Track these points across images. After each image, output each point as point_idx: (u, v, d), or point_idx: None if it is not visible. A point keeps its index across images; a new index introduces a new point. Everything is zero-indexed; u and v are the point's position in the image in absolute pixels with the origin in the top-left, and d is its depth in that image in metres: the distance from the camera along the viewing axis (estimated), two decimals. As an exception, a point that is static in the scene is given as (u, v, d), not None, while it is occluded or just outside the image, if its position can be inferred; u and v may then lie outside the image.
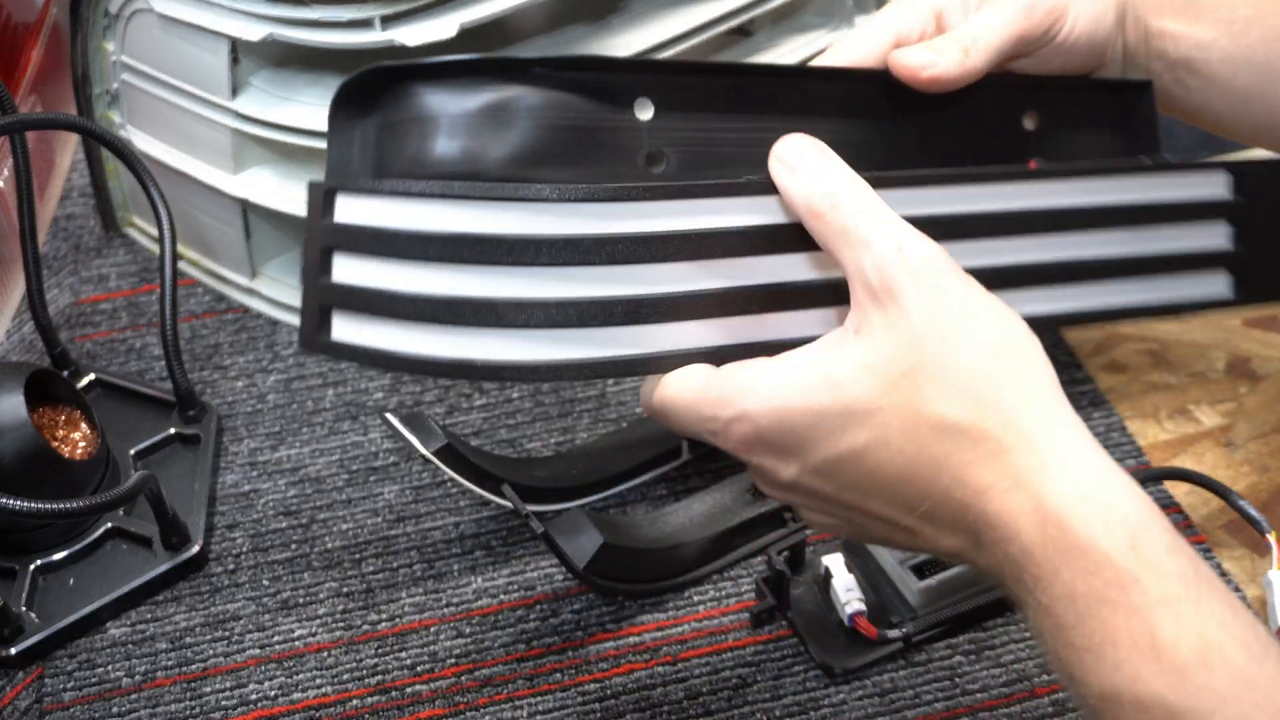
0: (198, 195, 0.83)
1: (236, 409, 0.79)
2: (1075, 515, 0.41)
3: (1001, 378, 0.44)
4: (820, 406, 0.44)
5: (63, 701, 0.65)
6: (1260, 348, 0.81)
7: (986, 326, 0.45)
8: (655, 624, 0.67)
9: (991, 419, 0.43)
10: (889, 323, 0.44)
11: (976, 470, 0.43)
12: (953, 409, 0.43)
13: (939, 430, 0.43)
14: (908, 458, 0.44)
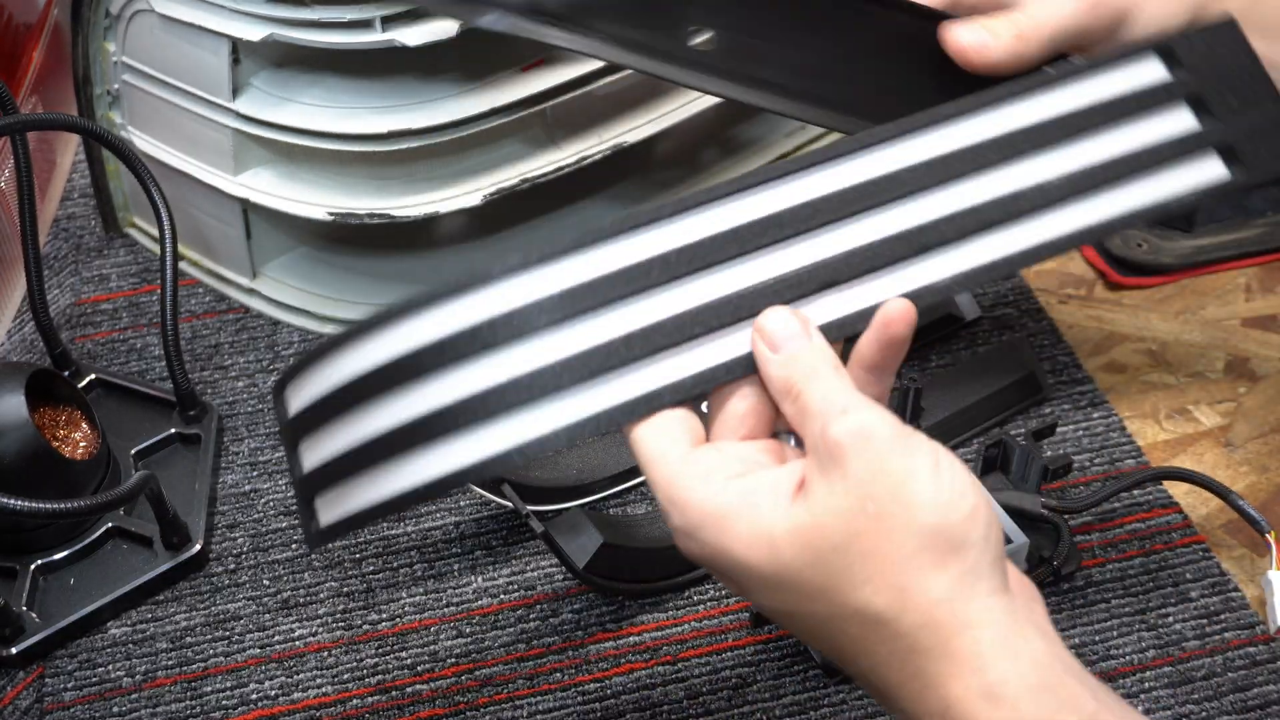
0: (198, 195, 0.83)
1: (237, 409, 0.79)
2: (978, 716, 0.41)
3: (928, 570, 0.42)
4: (753, 562, 0.43)
5: (63, 701, 0.65)
6: (1259, 348, 0.81)
7: (923, 510, 0.42)
8: (655, 624, 0.68)
9: (910, 616, 0.42)
10: (829, 493, 0.43)
11: (892, 666, 0.43)
12: (875, 599, 0.42)
13: (859, 616, 0.43)
14: (831, 631, 0.44)
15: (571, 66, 0.77)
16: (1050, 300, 0.84)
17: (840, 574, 0.43)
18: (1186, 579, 0.68)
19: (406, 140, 0.75)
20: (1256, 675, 0.64)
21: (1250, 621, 0.66)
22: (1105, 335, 0.82)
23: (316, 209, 0.77)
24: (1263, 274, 0.85)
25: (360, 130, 0.75)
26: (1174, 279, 0.85)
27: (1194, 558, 0.69)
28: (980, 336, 0.82)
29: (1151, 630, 0.66)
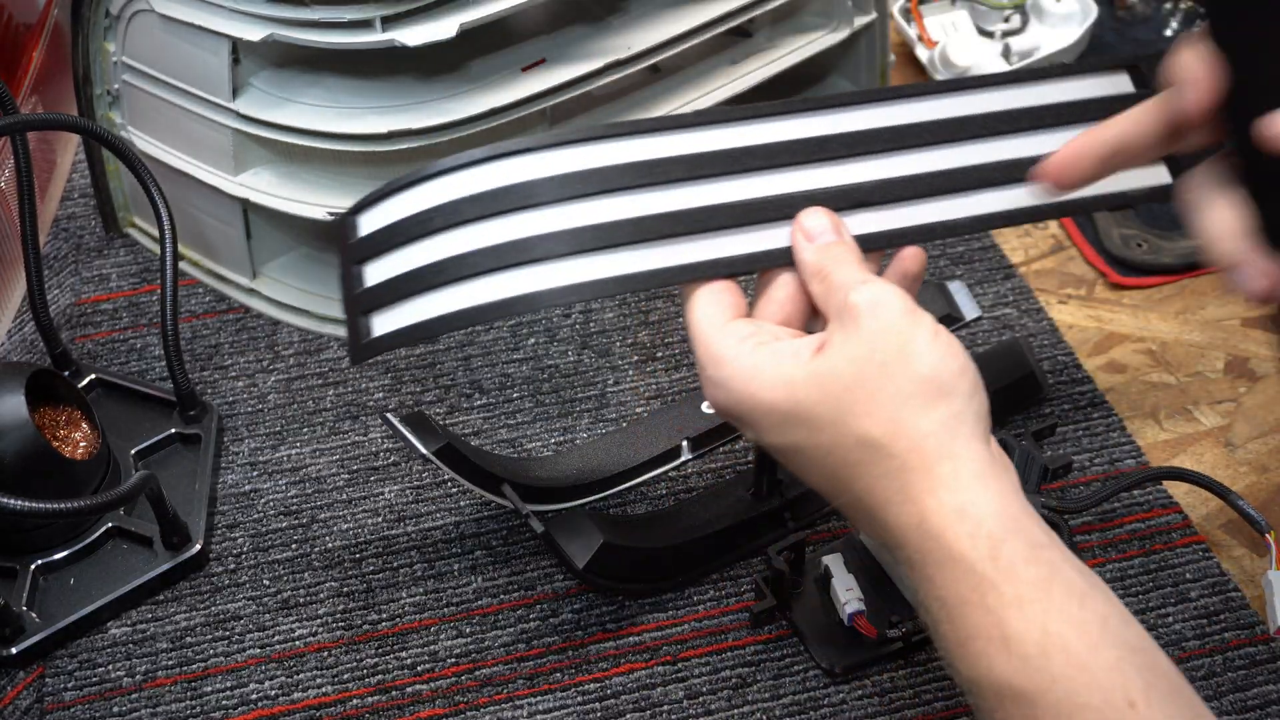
0: (198, 195, 0.83)
1: (237, 409, 0.79)
2: (948, 530, 0.48)
3: (919, 409, 0.49)
4: (773, 401, 0.51)
5: (63, 701, 0.65)
6: (1259, 348, 0.81)
7: (920, 361, 0.50)
8: (655, 624, 0.68)
9: (901, 442, 0.49)
10: (844, 343, 0.51)
11: (881, 483, 0.50)
12: (874, 428, 0.49)
13: (859, 442, 0.50)
14: (834, 460, 0.51)
15: (571, 66, 0.77)
16: (1050, 300, 0.84)
17: (847, 408, 0.50)
18: (1186, 579, 0.68)
19: (406, 140, 0.75)
20: (1256, 675, 0.64)
21: (1250, 621, 0.66)
22: (1105, 335, 0.82)
23: (316, 209, 0.77)
24: (1263, 274, 0.85)
25: (360, 130, 0.75)
26: (1174, 279, 0.85)
27: (1194, 558, 0.69)
28: (980, 336, 0.82)
29: (1151, 630, 0.66)
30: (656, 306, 0.84)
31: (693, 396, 0.77)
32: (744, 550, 0.70)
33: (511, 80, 0.77)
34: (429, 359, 0.81)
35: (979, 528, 0.47)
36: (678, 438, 0.75)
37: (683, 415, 0.76)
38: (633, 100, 0.83)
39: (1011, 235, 0.89)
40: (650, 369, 0.81)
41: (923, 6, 1.03)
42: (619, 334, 0.83)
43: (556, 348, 0.82)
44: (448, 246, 0.54)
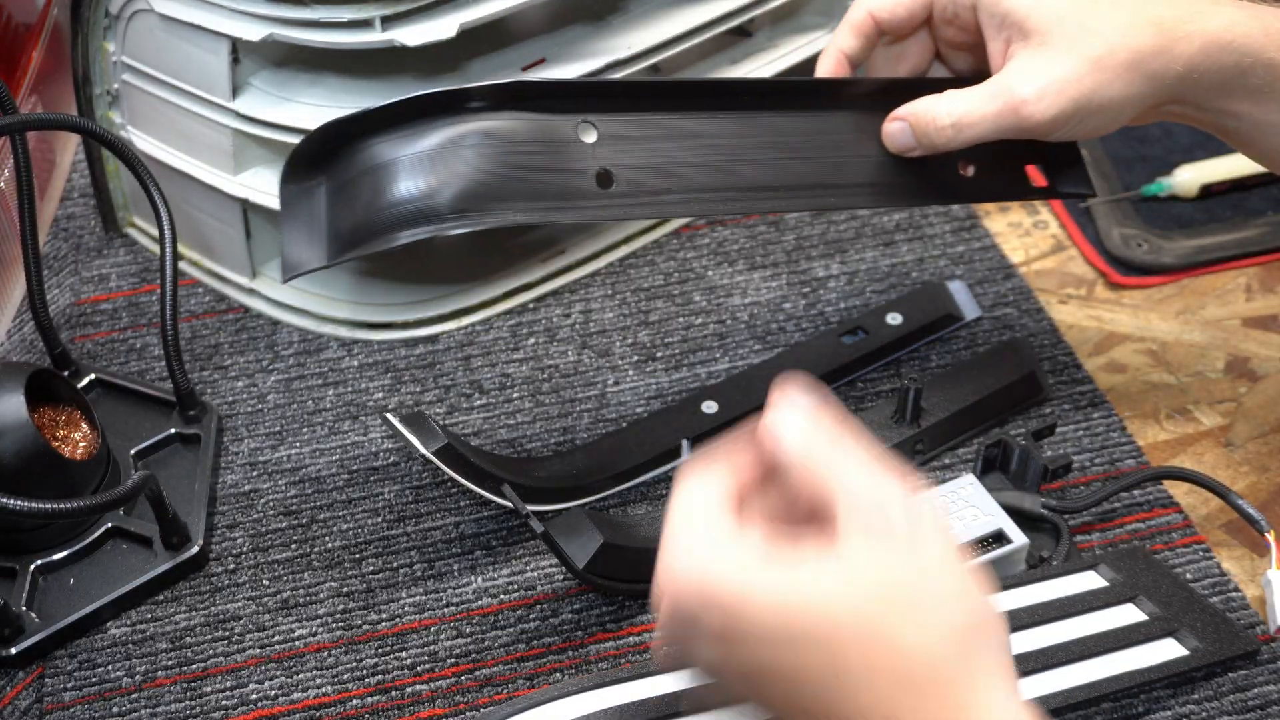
0: (198, 195, 0.83)
1: (237, 409, 0.79)
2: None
3: (973, 648, 0.42)
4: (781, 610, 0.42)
5: (63, 701, 0.65)
6: (1260, 348, 0.81)
7: (970, 594, 0.43)
8: (655, 624, 0.67)
9: (955, 686, 0.41)
10: (869, 543, 0.42)
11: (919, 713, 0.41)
12: (919, 659, 0.41)
13: (896, 677, 0.41)
14: (845, 695, 0.41)
15: (571, 66, 0.77)
16: (1050, 300, 0.84)
17: (883, 630, 0.41)
18: (1186, 579, 0.68)
19: (406, 140, 0.75)
20: (1256, 675, 0.64)
21: (1250, 621, 0.66)
22: (1105, 335, 0.82)
23: (316, 209, 0.77)
24: (1263, 274, 0.85)
25: (360, 130, 0.75)
26: (1174, 279, 0.85)
27: (1194, 558, 0.69)
28: (980, 336, 0.82)
29: (1151, 630, 0.66)
30: (656, 307, 0.84)
31: (693, 396, 0.77)
32: (744, 550, 0.70)
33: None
34: (429, 359, 0.81)
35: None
36: (678, 438, 0.75)
37: (683, 415, 0.76)
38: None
39: (1012, 235, 0.89)
40: (650, 369, 0.81)
41: (923, 6, 1.03)
42: (619, 334, 0.83)
43: (556, 348, 0.82)
44: None
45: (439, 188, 0.56)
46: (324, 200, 0.59)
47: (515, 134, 0.58)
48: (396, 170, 0.57)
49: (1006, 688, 0.42)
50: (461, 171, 0.57)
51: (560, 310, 0.84)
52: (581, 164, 0.59)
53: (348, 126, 0.58)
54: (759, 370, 0.78)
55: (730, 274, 0.86)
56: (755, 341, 0.82)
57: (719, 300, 0.85)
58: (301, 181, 0.59)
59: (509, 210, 0.57)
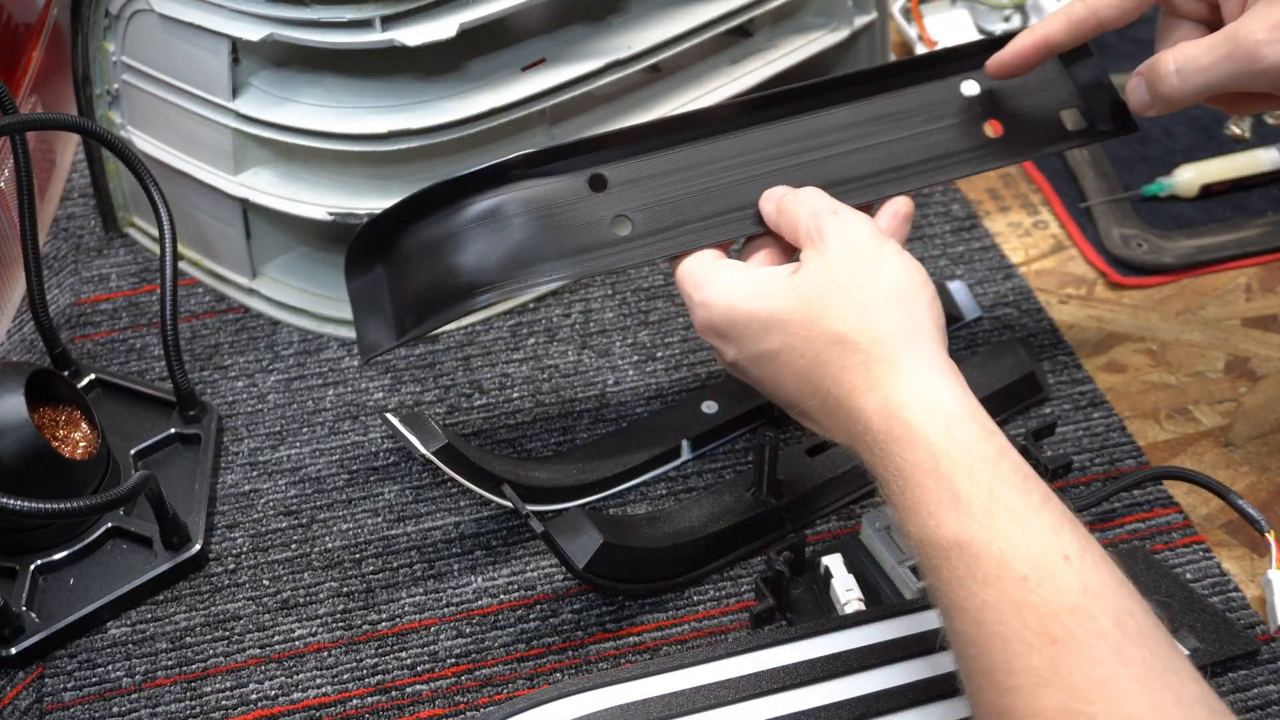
0: (198, 195, 0.83)
1: (237, 409, 0.79)
2: (908, 409, 0.53)
3: (885, 310, 0.56)
4: (754, 311, 0.59)
5: (63, 701, 0.65)
6: (1260, 348, 0.81)
7: (888, 273, 0.57)
8: (655, 624, 0.67)
9: (868, 336, 0.56)
10: (816, 259, 0.58)
11: (849, 374, 0.55)
12: (843, 325, 0.56)
13: (830, 340, 0.56)
14: (807, 360, 0.57)
15: (571, 66, 0.77)
16: (1050, 300, 0.84)
17: (821, 312, 0.57)
18: (1186, 579, 0.68)
19: (406, 140, 0.75)
20: (1257, 675, 0.64)
21: (1250, 621, 0.66)
22: (1105, 335, 0.82)
23: (316, 209, 0.77)
24: (1263, 274, 0.85)
25: (360, 130, 0.75)
26: (1174, 279, 0.85)
27: (1194, 558, 0.69)
28: (980, 336, 0.82)
29: (1151, 630, 0.66)
30: (656, 307, 0.84)
31: (693, 396, 0.77)
32: (744, 550, 0.70)
33: (511, 80, 0.77)
34: (429, 359, 0.81)
35: (937, 407, 0.53)
36: (678, 438, 0.75)
37: (683, 415, 0.76)
38: (633, 100, 0.83)
39: (1011, 235, 0.89)
40: (650, 369, 0.81)
41: (923, 6, 1.03)
42: (619, 334, 0.83)
43: (556, 348, 0.82)
44: None
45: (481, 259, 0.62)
46: (385, 285, 0.65)
47: (536, 199, 0.63)
48: (441, 249, 0.63)
49: (921, 346, 0.55)
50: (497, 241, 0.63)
51: (560, 310, 0.84)
52: (597, 215, 0.64)
53: (396, 215, 0.64)
54: (759, 370, 0.78)
55: (730, 274, 0.86)
56: (755, 341, 0.82)
57: (719, 300, 0.85)
58: (363, 274, 0.65)
59: (544, 271, 0.63)
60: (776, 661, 0.60)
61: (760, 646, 0.61)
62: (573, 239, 0.63)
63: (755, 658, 0.60)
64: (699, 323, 0.61)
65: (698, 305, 0.61)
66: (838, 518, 0.72)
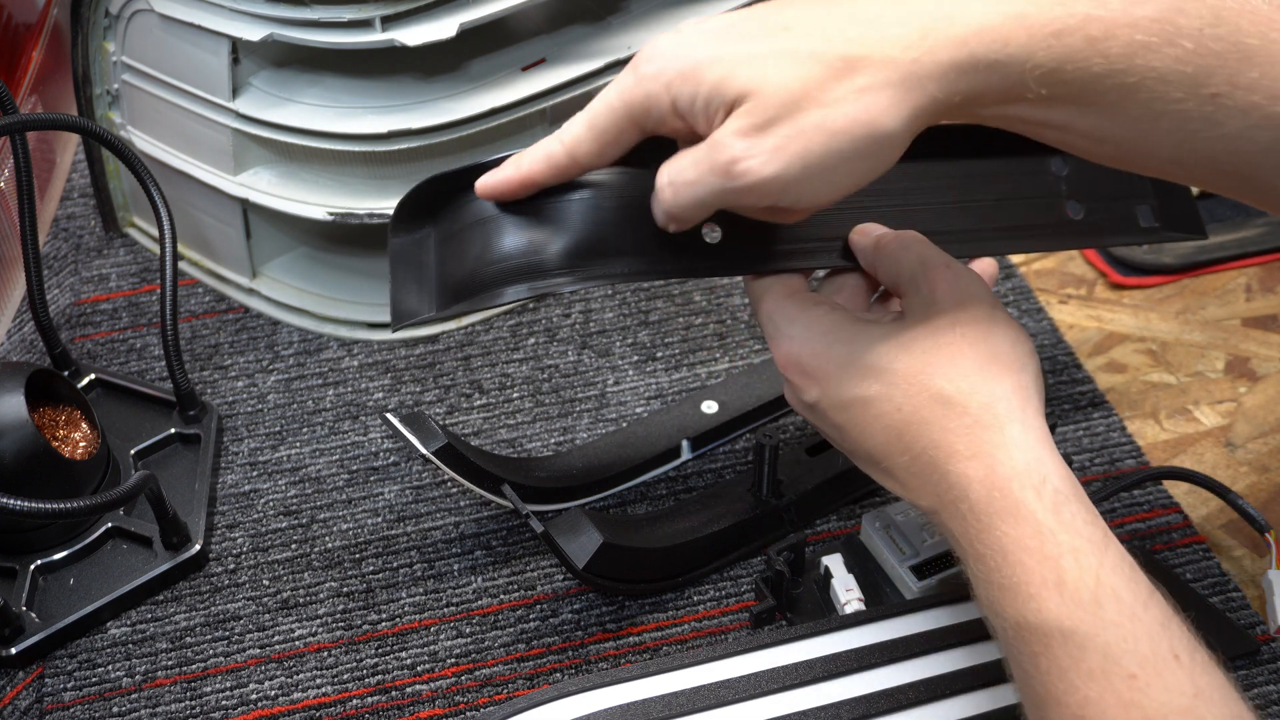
0: (198, 195, 0.83)
1: (237, 409, 0.79)
2: (1014, 482, 0.50)
3: (994, 376, 0.52)
4: (853, 354, 0.54)
5: (63, 701, 0.65)
6: (1260, 348, 0.81)
7: (996, 338, 0.53)
8: (655, 624, 0.68)
9: (976, 401, 0.52)
10: (922, 311, 0.54)
11: (951, 438, 0.52)
12: (950, 385, 0.52)
13: (934, 399, 0.52)
14: (904, 415, 0.53)
15: (571, 66, 0.77)
16: (1050, 300, 0.84)
17: (925, 367, 0.53)
18: (1186, 579, 0.68)
19: (406, 140, 0.75)
20: (1257, 675, 0.64)
21: (1250, 621, 0.66)
22: (1105, 335, 0.82)
23: (316, 209, 0.77)
24: (1263, 274, 0.85)
25: (360, 130, 0.75)
26: (1174, 279, 0.85)
27: (1194, 558, 0.69)
28: (980, 336, 0.82)
29: (1152, 630, 0.66)
30: (656, 307, 0.84)
31: (693, 396, 0.77)
32: (744, 550, 0.70)
33: (511, 80, 0.77)
34: (429, 359, 0.81)
35: (1044, 484, 0.50)
36: (678, 438, 0.75)
37: (683, 415, 0.76)
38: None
39: (1011, 235, 0.89)
40: (650, 369, 0.81)
41: (923, 6, 1.03)
42: (619, 334, 0.83)
43: (556, 348, 0.82)
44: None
45: (545, 243, 0.56)
46: (433, 250, 0.58)
47: (618, 186, 0.57)
48: (503, 225, 0.56)
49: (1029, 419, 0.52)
50: (567, 226, 0.56)
51: (560, 310, 0.84)
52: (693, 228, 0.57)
53: (457, 178, 0.57)
54: (759, 370, 0.78)
55: (730, 274, 0.86)
56: (755, 341, 0.82)
57: (719, 300, 0.85)
58: (410, 231, 0.58)
59: (614, 264, 0.57)
60: (776, 661, 0.60)
61: (760, 646, 0.61)
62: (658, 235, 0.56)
63: (755, 658, 0.60)
64: (784, 356, 0.56)
65: (786, 338, 0.56)
66: (838, 518, 0.72)
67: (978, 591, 0.51)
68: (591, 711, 0.58)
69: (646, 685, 0.59)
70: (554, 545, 0.63)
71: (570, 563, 0.64)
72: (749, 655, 0.60)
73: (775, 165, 0.49)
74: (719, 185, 0.50)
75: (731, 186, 0.50)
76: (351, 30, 0.72)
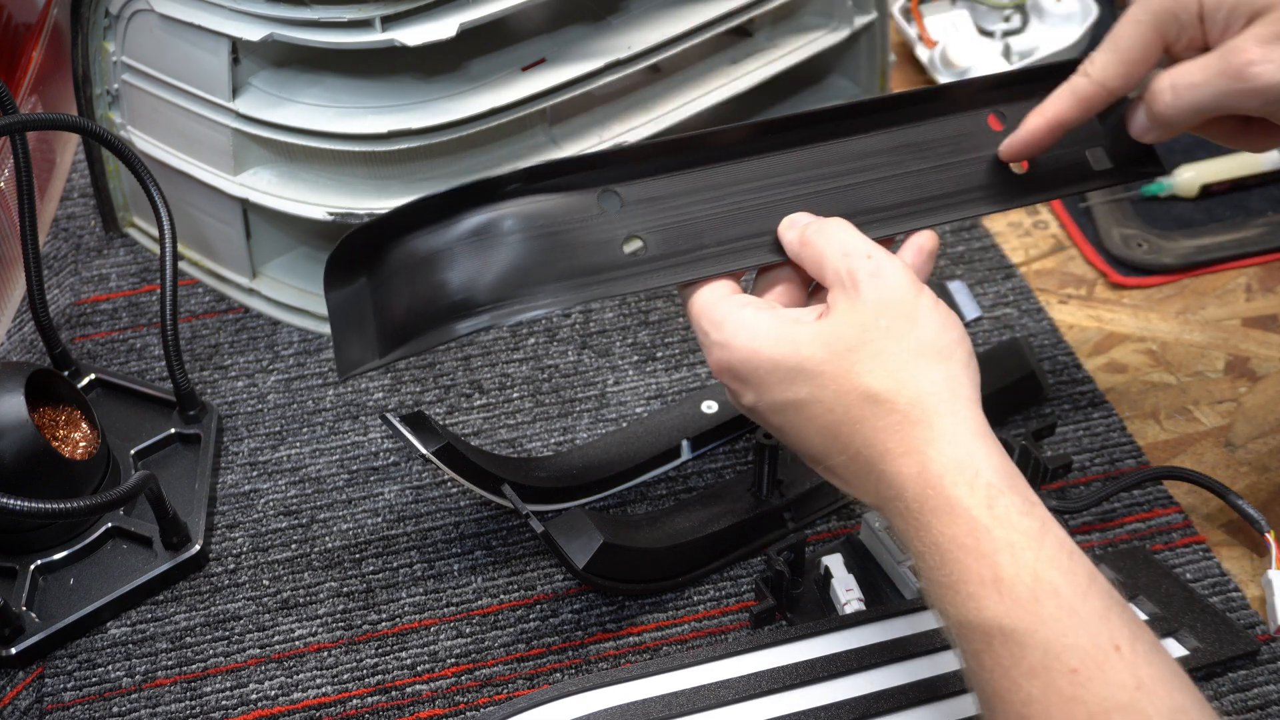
0: (198, 195, 0.83)
1: (237, 409, 0.79)
2: (947, 477, 0.50)
3: (921, 369, 0.52)
4: (779, 358, 0.54)
5: (63, 701, 0.65)
6: (1260, 348, 0.81)
7: (924, 327, 0.53)
8: (655, 624, 0.68)
9: (904, 397, 0.52)
10: (847, 306, 0.54)
11: (882, 436, 0.52)
12: (877, 383, 0.52)
13: (863, 398, 0.52)
14: (835, 416, 0.53)
15: (571, 66, 0.77)
16: (1050, 300, 0.84)
17: (852, 365, 0.52)
18: (1186, 579, 0.68)
19: (406, 140, 0.75)
20: (1257, 675, 0.64)
21: (1250, 621, 0.66)
22: (1105, 335, 0.82)
23: (316, 209, 0.77)
24: (1263, 274, 0.85)
25: (360, 130, 0.75)
26: (1174, 279, 0.85)
27: (1194, 558, 0.69)
28: (980, 336, 0.82)
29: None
30: (656, 306, 0.84)
31: (693, 396, 0.77)
32: (744, 550, 0.70)
33: (511, 80, 0.77)
34: (429, 359, 0.81)
35: (977, 478, 0.50)
36: (678, 438, 0.75)
37: (683, 415, 0.76)
38: (633, 100, 0.83)
39: (1012, 235, 0.89)
40: (650, 369, 0.81)
41: (923, 6, 1.03)
42: (619, 334, 0.83)
43: (556, 348, 0.82)
44: None
45: (474, 278, 0.56)
46: (369, 299, 0.59)
47: (540, 215, 0.58)
48: (431, 265, 0.57)
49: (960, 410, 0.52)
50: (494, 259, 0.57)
51: (560, 310, 0.84)
52: (608, 235, 0.58)
53: (383, 226, 0.58)
54: (759, 370, 0.78)
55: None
56: (755, 341, 0.82)
57: (719, 300, 0.85)
58: (344, 284, 0.59)
59: (545, 294, 0.57)
60: (776, 661, 0.60)
61: (760, 646, 0.61)
62: (580, 259, 0.58)
63: (755, 658, 0.60)
64: (715, 363, 0.56)
65: (715, 345, 0.56)
66: (838, 518, 0.72)
67: (924, 588, 0.51)
68: (591, 711, 0.58)
69: (646, 685, 0.59)
70: (554, 545, 0.63)
71: (570, 563, 0.64)
72: (749, 655, 0.60)
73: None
74: (1225, 87, 0.56)
75: (1239, 88, 0.56)
76: (351, 30, 0.72)
